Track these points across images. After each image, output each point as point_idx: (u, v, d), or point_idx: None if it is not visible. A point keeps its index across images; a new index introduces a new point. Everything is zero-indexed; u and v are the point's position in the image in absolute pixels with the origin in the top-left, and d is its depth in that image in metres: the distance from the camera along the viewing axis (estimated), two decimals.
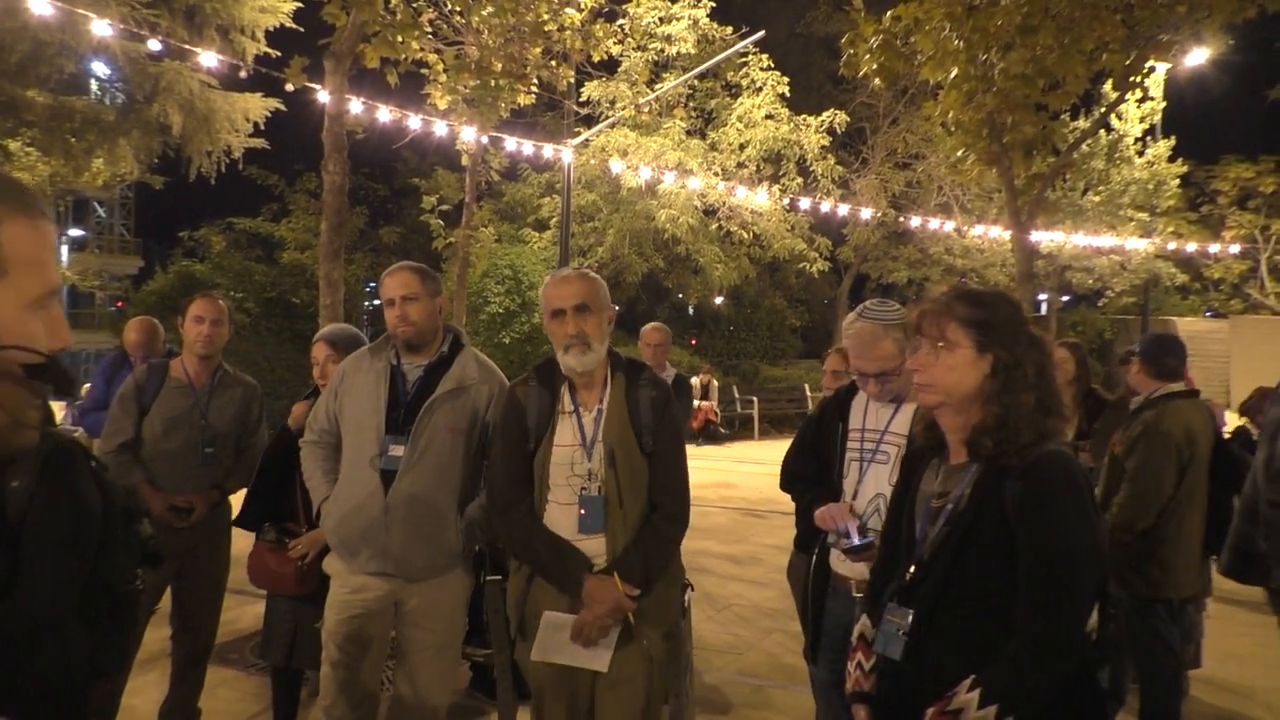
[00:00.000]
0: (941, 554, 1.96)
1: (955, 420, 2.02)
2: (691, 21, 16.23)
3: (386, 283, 3.20)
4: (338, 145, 8.45)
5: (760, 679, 5.04)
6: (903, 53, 9.09)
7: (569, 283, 2.79)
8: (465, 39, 10.58)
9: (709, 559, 7.74)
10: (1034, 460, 1.89)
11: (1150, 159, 22.53)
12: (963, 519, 1.95)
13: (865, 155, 22.11)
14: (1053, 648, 1.82)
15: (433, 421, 3.10)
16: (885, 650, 2.03)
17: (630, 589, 2.63)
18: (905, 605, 2.01)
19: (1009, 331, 1.97)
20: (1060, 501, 1.86)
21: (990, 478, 1.94)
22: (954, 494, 2.00)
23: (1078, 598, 1.86)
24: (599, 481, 2.73)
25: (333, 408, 3.26)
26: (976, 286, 2.09)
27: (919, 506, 2.09)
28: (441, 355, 3.24)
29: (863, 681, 2.12)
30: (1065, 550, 1.84)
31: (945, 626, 1.94)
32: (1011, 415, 1.92)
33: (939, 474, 2.08)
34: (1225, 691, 4.95)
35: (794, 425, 19.00)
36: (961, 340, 1.97)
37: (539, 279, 17.67)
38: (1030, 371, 1.95)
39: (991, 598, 1.90)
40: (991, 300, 2.01)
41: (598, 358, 2.78)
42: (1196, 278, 26.92)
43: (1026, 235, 10.11)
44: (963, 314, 1.98)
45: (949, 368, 1.97)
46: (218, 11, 11.81)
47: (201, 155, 13.25)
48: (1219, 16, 7.95)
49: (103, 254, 38.62)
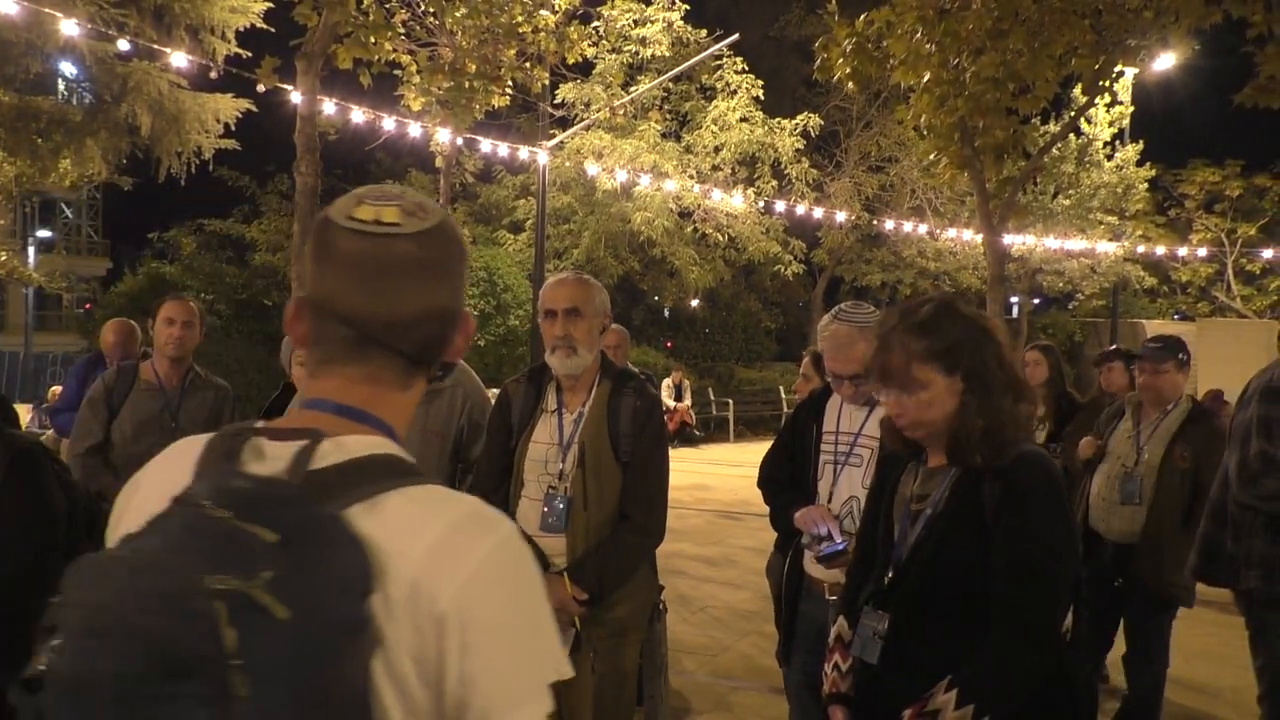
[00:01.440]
0: (918, 557, 1.96)
1: (940, 439, 2.00)
2: (666, 24, 16.26)
3: None
4: (310, 146, 8.39)
5: (735, 680, 5.05)
6: (875, 56, 9.13)
7: (564, 285, 2.80)
8: (439, 40, 10.54)
9: (684, 561, 7.74)
10: (1012, 461, 1.90)
11: (1119, 163, 22.80)
12: (941, 521, 1.95)
13: (839, 158, 22.21)
14: (1029, 644, 1.83)
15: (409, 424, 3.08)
16: (862, 654, 2.02)
17: (579, 593, 2.61)
18: (882, 609, 2.00)
19: (964, 340, 1.94)
20: (1039, 500, 1.87)
21: (968, 480, 1.94)
22: (933, 497, 1.99)
23: (1055, 594, 1.87)
24: (568, 482, 2.73)
25: None
26: (912, 303, 2.01)
27: (897, 509, 2.09)
28: None
29: (840, 683, 2.12)
30: (1043, 547, 1.85)
31: (921, 629, 1.94)
32: (993, 424, 1.91)
33: (917, 476, 2.07)
34: (1193, 691, 5.00)
35: (769, 427, 19.08)
36: (930, 376, 1.93)
37: (514, 281, 17.62)
38: (995, 369, 1.94)
39: (967, 600, 1.90)
40: (935, 318, 1.96)
41: (583, 363, 2.78)
42: (1164, 281, 27.27)
43: (998, 238, 10.19)
44: (921, 349, 1.93)
45: (927, 404, 1.94)
46: (187, 11, 11.68)
47: (171, 156, 13.10)
48: (1185, 21, 8.04)
49: (70, 255, 38.05)
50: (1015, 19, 8.30)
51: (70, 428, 4.12)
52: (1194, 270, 27.32)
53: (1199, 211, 27.05)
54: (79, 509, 2.34)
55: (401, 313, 1.00)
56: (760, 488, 3.30)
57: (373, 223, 0.99)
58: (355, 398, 1.00)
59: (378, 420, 1.01)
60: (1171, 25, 8.43)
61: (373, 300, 0.99)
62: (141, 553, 0.81)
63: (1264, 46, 7.73)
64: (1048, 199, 22.49)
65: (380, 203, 1.00)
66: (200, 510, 0.82)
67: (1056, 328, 26.35)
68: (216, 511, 0.81)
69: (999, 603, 1.85)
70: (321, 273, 1.00)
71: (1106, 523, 4.17)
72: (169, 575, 0.77)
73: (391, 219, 0.99)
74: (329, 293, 0.99)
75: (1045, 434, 5.23)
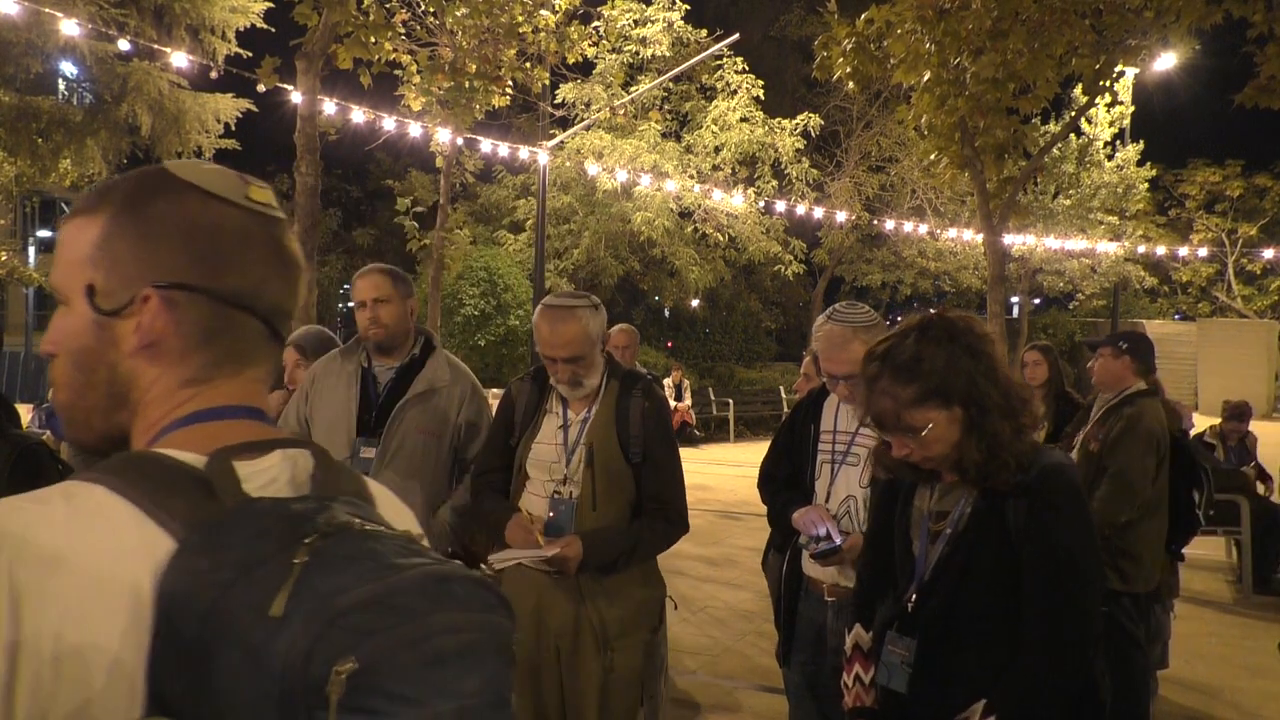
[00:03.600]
0: (944, 579, 1.92)
1: (950, 462, 1.96)
2: (666, 24, 16.25)
3: (358, 284, 3.19)
4: (310, 146, 8.39)
5: (735, 681, 5.04)
6: (875, 56, 9.14)
7: (560, 331, 2.70)
8: (439, 40, 10.54)
9: (684, 561, 7.74)
10: (1037, 475, 1.86)
11: (1119, 163, 22.81)
12: (964, 541, 1.90)
13: (839, 158, 22.21)
14: (1066, 665, 1.81)
15: (404, 423, 3.09)
16: (889, 683, 1.96)
17: (573, 547, 2.60)
18: (907, 634, 1.95)
19: (952, 370, 1.88)
20: (1067, 512, 1.86)
21: (990, 497, 1.90)
22: (952, 515, 1.95)
23: (1090, 603, 1.85)
24: (573, 485, 2.73)
25: (304, 410, 3.24)
26: (894, 340, 1.95)
27: (914, 526, 2.04)
28: (413, 357, 3.23)
29: (863, 696, 2.05)
30: (1075, 559, 1.84)
31: (950, 655, 1.90)
32: (994, 446, 1.86)
33: (933, 491, 2.03)
34: (1193, 691, 5.00)
35: (769, 427, 19.05)
36: (926, 416, 1.88)
37: (514, 281, 17.61)
38: (989, 389, 1.88)
39: (996, 622, 1.87)
40: (918, 355, 1.89)
41: (591, 385, 2.80)
42: (1165, 281, 27.29)
43: (998, 238, 10.19)
44: (911, 396, 1.88)
45: (933, 442, 1.89)
46: (187, 11, 11.70)
47: (171, 156, 13.08)
48: (1185, 21, 8.05)
49: None
50: (1015, 19, 8.30)
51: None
52: (1194, 270, 27.33)
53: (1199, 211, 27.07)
54: None
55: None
56: (760, 487, 3.30)
57: (270, 205, 0.89)
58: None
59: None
60: (1172, 25, 8.44)
61: (293, 293, 0.91)
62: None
63: (1264, 46, 7.74)
64: (1048, 199, 22.50)
65: (254, 180, 0.90)
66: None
67: (1057, 328, 26.34)
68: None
69: (1032, 624, 1.82)
70: (246, 263, 0.87)
71: None
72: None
73: (273, 199, 0.90)
74: (252, 285, 0.87)
75: (1045, 434, 5.23)
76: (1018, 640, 1.83)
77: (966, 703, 1.82)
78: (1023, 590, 1.83)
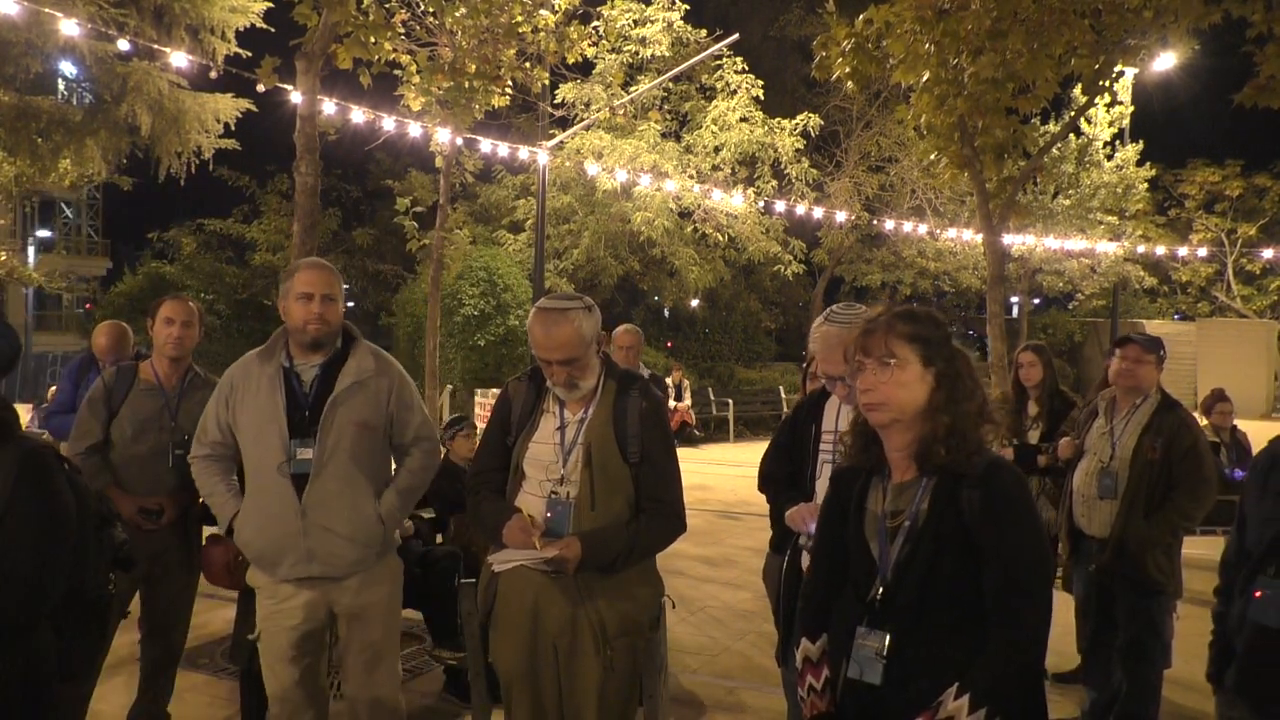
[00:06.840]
0: (911, 571, 1.99)
1: (904, 437, 2.05)
2: (666, 24, 16.25)
3: (304, 276, 3.12)
4: (310, 146, 8.39)
5: (734, 680, 5.05)
6: (875, 56, 9.13)
7: (553, 334, 2.70)
8: (438, 40, 10.54)
9: (684, 561, 7.74)
10: (986, 468, 1.98)
11: (1119, 163, 22.81)
12: (926, 533, 1.99)
13: (839, 158, 22.20)
14: (1031, 644, 1.94)
15: (338, 419, 3.08)
16: (862, 676, 2.01)
17: (572, 549, 2.61)
18: (878, 628, 2.01)
19: (945, 346, 2.06)
20: (1018, 506, 1.98)
21: (945, 488, 1.99)
22: (909, 510, 2.03)
23: (1045, 595, 1.98)
24: (570, 485, 2.73)
25: (225, 418, 3.18)
26: (908, 305, 2.16)
27: (869, 527, 2.10)
28: (336, 351, 3.20)
29: (818, 703, 2.12)
30: (1030, 553, 1.96)
31: (925, 642, 1.97)
32: (959, 423, 1.99)
33: (886, 494, 2.10)
34: (1194, 691, 5.00)
35: (769, 427, 19.06)
36: (908, 356, 2.02)
37: (514, 281, 17.60)
38: (968, 382, 2.04)
39: (966, 606, 1.96)
40: (926, 317, 2.09)
41: (587, 386, 2.80)
42: (1164, 281, 27.29)
43: (998, 238, 10.19)
44: (906, 331, 2.04)
45: (900, 384, 2.01)
46: (187, 11, 11.68)
47: (171, 156, 13.10)
48: (1185, 21, 8.05)
49: (70, 255, 38.04)
50: (1015, 19, 8.30)
51: (65, 430, 4.12)
52: (1194, 270, 27.33)
53: (1199, 211, 27.07)
54: (88, 509, 2.34)
55: None
56: (761, 487, 3.31)
57: None
58: None
59: None
60: (1171, 25, 8.43)
61: None
62: None
63: (1264, 46, 7.73)
64: (1048, 199, 22.51)
65: None
66: None
67: (1056, 328, 26.36)
68: None
69: (995, 608, 1.93)
70: None
71: (1088, 519, 4.24)
72: None
73: None
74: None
75: (1039, 433, 5.24)
76: (983, 622, 1.94)
77: (942, 686, 1.90)
78: (984, 575, 1.95)
